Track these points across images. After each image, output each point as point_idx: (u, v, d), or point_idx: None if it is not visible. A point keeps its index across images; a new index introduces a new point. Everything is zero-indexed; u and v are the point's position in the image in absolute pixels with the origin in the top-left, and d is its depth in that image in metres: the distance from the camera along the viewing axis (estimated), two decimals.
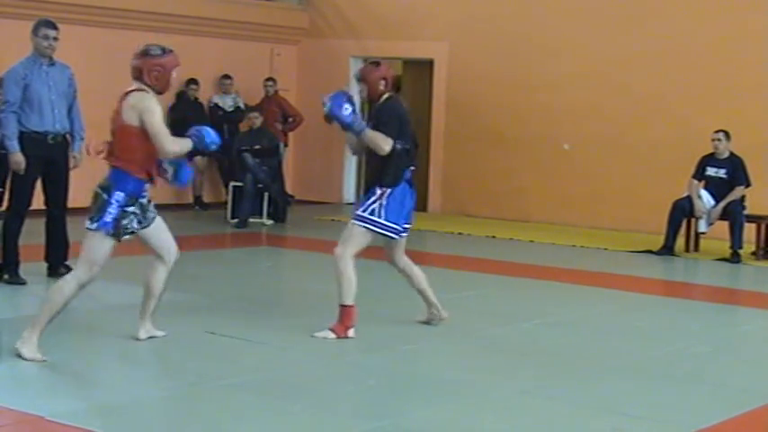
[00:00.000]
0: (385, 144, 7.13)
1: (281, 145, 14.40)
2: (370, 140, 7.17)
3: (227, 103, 15.18)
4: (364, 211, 7.24)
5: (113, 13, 14.03)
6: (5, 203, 8.95)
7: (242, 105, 15.10)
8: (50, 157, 8.66)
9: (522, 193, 14.85)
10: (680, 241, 12.16)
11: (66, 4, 13.50)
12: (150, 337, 6.91)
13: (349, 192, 16.40)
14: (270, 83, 15.21)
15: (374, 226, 7.22)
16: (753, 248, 12.02)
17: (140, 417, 5.47)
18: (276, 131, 14.61)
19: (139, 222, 6.50)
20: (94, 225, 6.37)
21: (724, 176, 12.00)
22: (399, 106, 7.37)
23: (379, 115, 7.26)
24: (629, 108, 14.03)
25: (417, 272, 7.61)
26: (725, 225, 11.90)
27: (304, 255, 11.81)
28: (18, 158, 8.53)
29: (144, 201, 6.52)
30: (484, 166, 15.11)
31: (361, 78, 7.31)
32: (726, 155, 12.06)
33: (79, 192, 9.12)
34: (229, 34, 15.62)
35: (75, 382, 6.11)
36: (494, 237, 13.17)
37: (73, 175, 9.00)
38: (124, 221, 6.39)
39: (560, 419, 5.71)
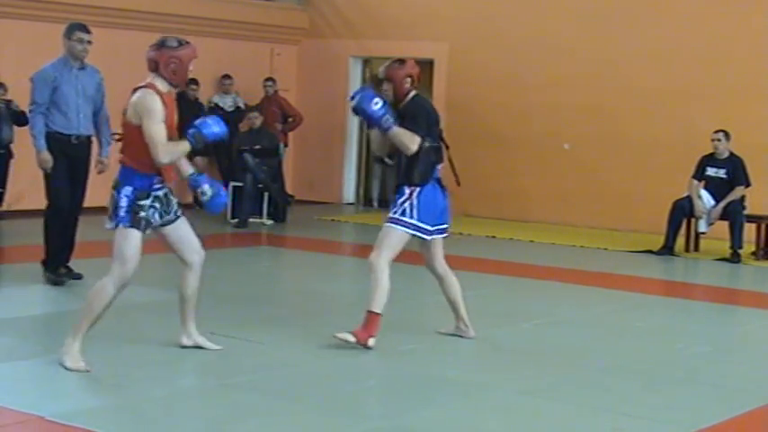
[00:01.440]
0: (412, 143, 6.93)
1: (281, 145, 14.41)
2: (396, 139, 6.97)
3: (227, 103, 15.18)
4: (395, 213, 7.02)
5: (113, 13, 14.04)
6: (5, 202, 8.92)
7: (242, 105, 15.10)
8: (74, 156, 8.63)
9: (522, 193, 14.85)
10: (680, 241, 12.16)
11: (65, 4, 13.50)
12: (196, 346, 6.71)
13: (349, 192, 16.41)
14: (270, 83, 15.20)
15: (406, 227, 6.97)
16: (753, 248, 12.02)
17: (140, 417, 5.47)
18: (276, 131, 14.60)
19: (161, 216, 6.31)
20: (112, 224, 6.23)
21: (724, 176, 12.00)
22: (426, 103, 7.22)
23: (405, 113, 7.06)
24: (629, 108, 14.04)
25: (454, 281, 7.37)
26: (725, 225, 11.91)
27: (304, 255, 11.81)
28: (46, 157, 8.50)
29: (160, 194, 6.31)
30: (484, 165, 15.10)
31: (387, 77, 7.10)
32: (726, 155, 12.06)
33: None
34: (229, 34, 15.62)
35: (76, 383, 6.10)
36: (494, 237, 13.16)
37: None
38: (141, 214, 6.20)
39: (560, 419, 5.71)
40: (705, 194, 12.06)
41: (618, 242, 12.82)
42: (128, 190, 6.21)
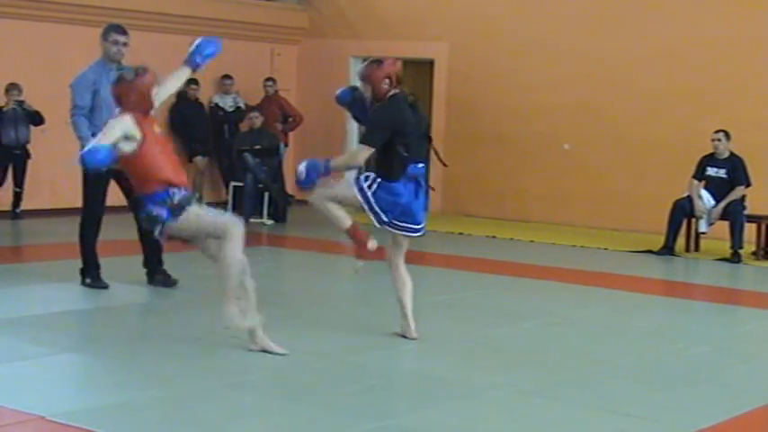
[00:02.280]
0: (358, 155, 6.89)
1: (282, 145, 14.40)
2: (344, 167, 7.09)
3: (227, 103, 15.18)
4: (360, 177, 6.98)
5: (113, 13, 14.01)
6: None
7: (242, 105, 15.10)
8: None
9: (522, 193, 14.85)
10: (680, 241, 12.16)
11: (65, 4, 13.50)
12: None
13: None
14: (270, 83, 15.21)
15: (361, 191, 6.92)
16: (753, 248, 12.02)
17: (140, 417, 5.47)
18: (276, 131, 14.61)
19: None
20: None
21: (724, 176, 12.00)
22: (394, 106, 6.98)
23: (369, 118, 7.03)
24: (629, 108, 14.04)
25: (407, 281, 7.27)
26: (725, 225, 11.91)
27: (304, 255, 11.81)
28: None
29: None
30: (484, 166, 15.11)
31: (365, 78, 7.04)
32: (726, 155, 12.06)
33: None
34: (229, 34, 15.59)
35: (76, 382, 6.10)
36: (494, 237, 13.16)
37: None
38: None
39: (561, 419, 5.71)
40: (705, 194, 12.06)
41: (618, 242, 12.82)
42: None
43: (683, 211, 12.06)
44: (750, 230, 11.97)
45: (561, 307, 8.91)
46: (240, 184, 13.57)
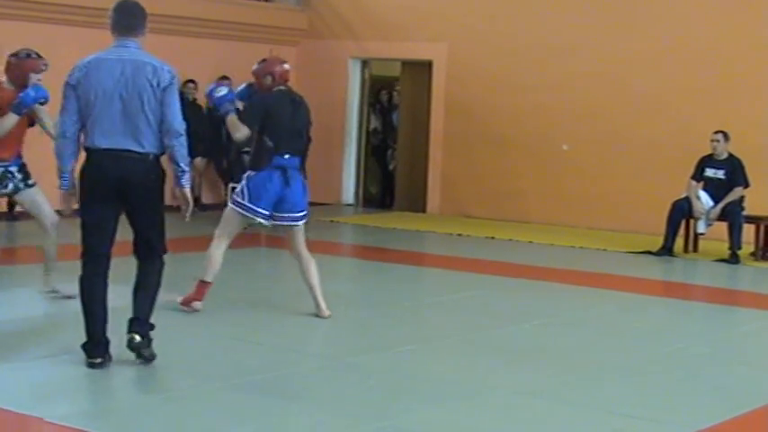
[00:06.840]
0: (236, 130, 7.64)
1: None
2: (229, 124, 7.73)
3: None
4: (235, 194, 7.76)
5: None
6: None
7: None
8: None
9: (522, 193, 14.85)
10: (679, 242, 12.16)
11: (66, 5, 13.50)
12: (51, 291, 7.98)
13: (348, 192, 16.39)
14: None
15: (238, 207, 7.68)
16: (751, 249, 12.02)
17: (140, 418, 5.47)
18: None
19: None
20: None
21: (723, 177, 11.99)
22: (272, 97, 7.72)
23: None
24: (628, 108, 14.04)
25: (310, 266, 7.89)
26: (724, 226, 11.90)
27: None
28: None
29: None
30: (483, 166, 15.11)
31: (252, 73, 7.92)
32: (724, 156, 12.06)
33: None
34: (228, 35, 15.61)
35: (75, 384, 6.10)
36: (493, 238, 13.16)
37: None
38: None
39: (560, 419, 5.71)
40: (704, 195, 12.06)
41: (617, 243, 12.82)
42: None
43: (681, 211, 12.06)
44: (748, 231, 11.97)
45: (560, 308, 8.91)
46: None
